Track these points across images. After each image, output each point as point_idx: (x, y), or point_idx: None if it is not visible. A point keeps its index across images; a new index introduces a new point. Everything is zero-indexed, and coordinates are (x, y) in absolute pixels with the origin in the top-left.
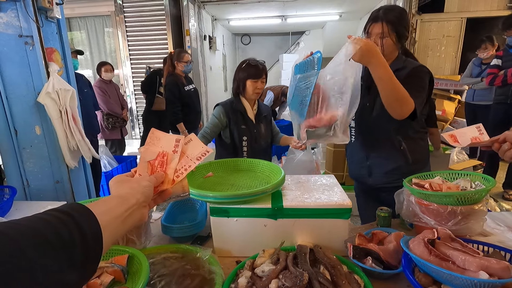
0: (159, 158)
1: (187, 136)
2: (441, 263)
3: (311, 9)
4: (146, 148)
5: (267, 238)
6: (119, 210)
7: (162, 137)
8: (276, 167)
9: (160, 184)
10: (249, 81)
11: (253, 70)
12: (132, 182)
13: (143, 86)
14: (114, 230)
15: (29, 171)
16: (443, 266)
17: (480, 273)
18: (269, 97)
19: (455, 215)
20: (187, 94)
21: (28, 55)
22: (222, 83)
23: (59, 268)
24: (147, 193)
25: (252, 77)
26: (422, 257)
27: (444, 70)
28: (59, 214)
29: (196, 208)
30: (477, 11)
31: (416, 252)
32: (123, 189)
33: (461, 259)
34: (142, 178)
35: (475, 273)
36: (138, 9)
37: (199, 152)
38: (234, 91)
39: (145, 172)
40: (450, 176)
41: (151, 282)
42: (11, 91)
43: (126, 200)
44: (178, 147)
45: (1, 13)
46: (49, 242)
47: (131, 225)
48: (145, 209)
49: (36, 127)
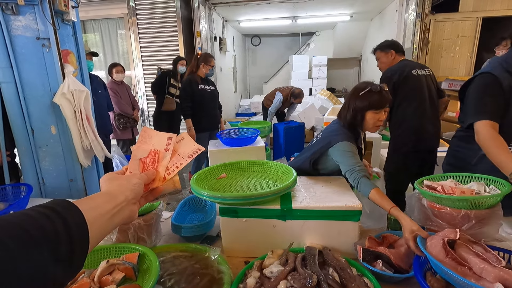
0: (150, 156)
1: (179, 135)
2: (457, 267)
3: (322, 9)
4: (138, 146)
5: (276, 239)
6: (107, 206)
7: (154, 135)
8: (289, 169)
9: (151, 181)
10: (371, 113)
11: (377, 98)
12: (121, 180)
13: (153, 87)
14: (101, 226)
15: (44, 170)
16: (458, 271)
17: (496, 285)
18: (278, 98)
19: (469, 219)
20: (200, 93)
21: (45, 57)
22: (232, 84)
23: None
24: (137, 190)
25: (375, 107)
26: (438, 257)
27: (459, 71)
28: (43, 209)
29: (205, 208)
30: (493, 10)
31: (432, 252)
32: (112, 186)
33: (479, 267)
34: (132, 176)
35: (491, 283)
36: (150, 11)
37: (191, 150)
38: (349, 121)
39: (136, 169)
40: (462, 179)
41: (161, 280)
42: (28, 91)
43: (115, 197)
44: (170, 145)
45: (20, 16)
46: (32, 235)
47: (119, 222)
48: (134, 206)
49: (51, 127)
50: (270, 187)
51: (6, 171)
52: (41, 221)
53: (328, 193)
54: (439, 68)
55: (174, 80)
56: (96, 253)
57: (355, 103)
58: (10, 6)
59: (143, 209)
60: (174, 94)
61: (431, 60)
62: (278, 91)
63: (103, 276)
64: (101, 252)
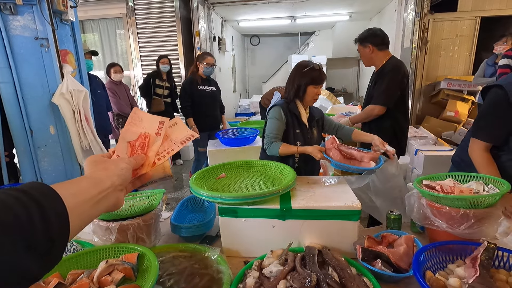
0: (140, 139)
1: (172, 119)
2: (346, 160)
3: (321, 9)
4: (127, 129)
5: (275, 239)
6: (91, 192)
7: (145, 117)
8: (289, 169)
9: (139, 167)
10: (311, 87)
11: (317, 75)
12: (108, 163)
13: (140, 90)
14: (84, 213)
15: (43, 170)
16: (349, 162)
17: (371, 163)
18: (276, 98)
19: (468, 218)
20: (199, 93)
21: (44, 57)
22: (231, 84)
23: (12, 250)
24: (125, 176)
25: (315, 82)
26: (336, 159)
27: (458, 70)
28: (15, 193)
29: (205, 207)
30: (492, 10)
31: (332, 157)
32: (98, 170)
33: (359, 155)
34: (120, 160)
35: (367, 163)
36: (149, 11)
37: (184, 136)
38: (292, 95)
39: (124, 153)
40: (461, 178)
41: (161, 280)
42: (27, 91)
43: (100, 182)
44: (161, 129)
45: (18, 16)
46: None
47: (104, 209)
48: (121, 192)
49: (50, 127)
50: (269, 187)
51: (5, 171)
52: (10, 206)
53: (327, 193)
54: (438, 67)
55: (159, 80)
56: (95, 253)
57: (299, 79)
58: (9, 6)
59: (143, 209)
60: (162, 94)
61: (430, 59)
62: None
63: (102, 276)
64: (100, 252)
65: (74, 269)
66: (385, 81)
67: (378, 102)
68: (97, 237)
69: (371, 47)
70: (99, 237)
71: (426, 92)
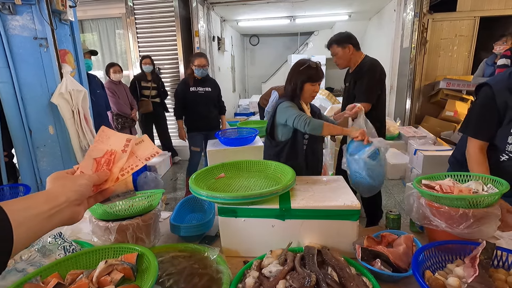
0: (106, 156)
1: (139, 137)
2: None
3: (320, 9)
4: (94, 146)
5: (275, 239)
6: (44, 207)
7: (112, 135)
8: (288, 169)
9: (103, 182)
10: (308, 84)
11: (314, 72)
12: (66, 180)
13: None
14: (35, 227)
15: (42, 170)
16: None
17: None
18: (274, 97)
19: (467, 218)
20: (191, 95)
21: (43, 57)
22: (230, 84)
23: None
24: (82, 191)
25: (312, 80)
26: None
27: (457, 70)
28: None
29: (204, 207)
30: (491, 10)
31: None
32: (54, 187)
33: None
34: (79, 176)
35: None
36: (148, 11)
37: (149, 153)
38: (290, 93)
39: (89, 169)
40: (460, 178)
41: (160, 280)
42: (26, 91)
43: (54, 198)
44: (128, 146)
45: (17, 16)
46: None
47: (59, 223)
48: (78, 207)
49: (49, 127)
50: (269, 186)
51: (4, 171)
52: None
53: (326, 193)
54: (437, 67)
55: (144, 81)
56: (95, 253)
57: (296, 77)
58: (7, 6)
59: (142, 209)
60: (149, 95)
61: (429, 59)
62: (274, 89)
63: (101, 276)
64: (100, 253)
65: (73, 269)
66: (366, 80)
67: (363, 100)
68: (96, 237)
69: (351, 47)
70: (98, 237)
71: (425, 92)
